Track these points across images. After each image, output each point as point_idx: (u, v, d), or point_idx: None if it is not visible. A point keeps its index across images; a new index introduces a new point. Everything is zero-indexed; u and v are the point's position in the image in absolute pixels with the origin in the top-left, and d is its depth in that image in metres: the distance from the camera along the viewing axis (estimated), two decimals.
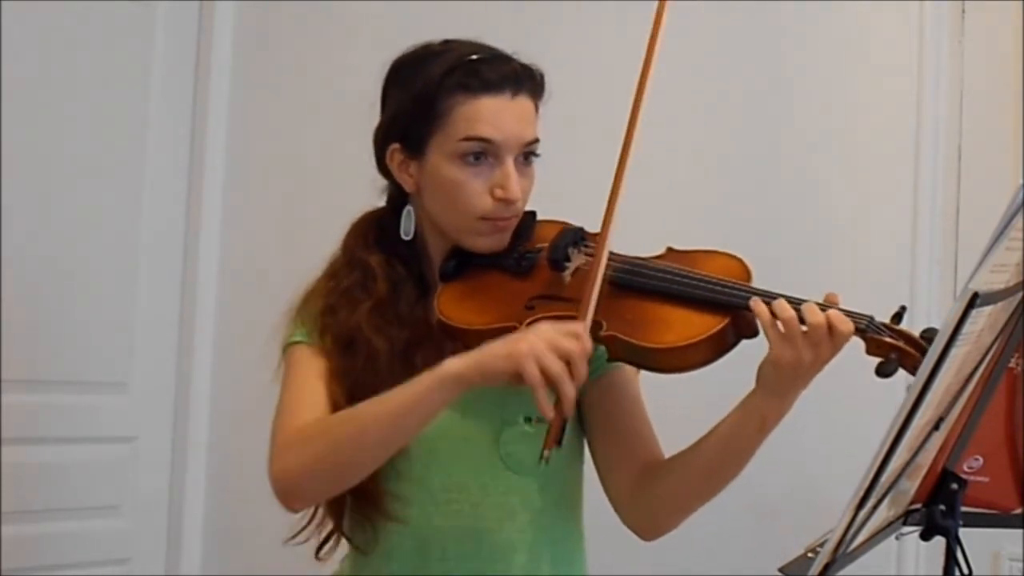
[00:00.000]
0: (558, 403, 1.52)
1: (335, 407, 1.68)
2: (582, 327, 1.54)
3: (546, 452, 1.55)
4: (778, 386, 1.56)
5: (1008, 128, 2.55)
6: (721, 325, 1.59)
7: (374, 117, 1.80)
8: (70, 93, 2.99)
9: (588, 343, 1.53)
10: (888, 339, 1.54)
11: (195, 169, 3.26)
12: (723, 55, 2.77)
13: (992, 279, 1.28)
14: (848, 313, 1.54)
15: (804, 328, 1.51)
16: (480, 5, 2.85)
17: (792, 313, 1.52)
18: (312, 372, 1.71)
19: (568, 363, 1.50)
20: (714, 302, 1.61)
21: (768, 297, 1.57)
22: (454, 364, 1.54)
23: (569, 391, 1.50)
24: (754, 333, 1.62)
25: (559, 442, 1.54)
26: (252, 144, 3.28)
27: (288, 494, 1.63)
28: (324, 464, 1.60)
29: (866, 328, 1.55)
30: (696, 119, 2.74)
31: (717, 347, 1.60)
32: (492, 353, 1.53)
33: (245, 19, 3.29)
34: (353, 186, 1.80)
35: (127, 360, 3.14)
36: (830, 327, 1.51)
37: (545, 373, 1.49)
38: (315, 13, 3.21)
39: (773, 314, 1.53)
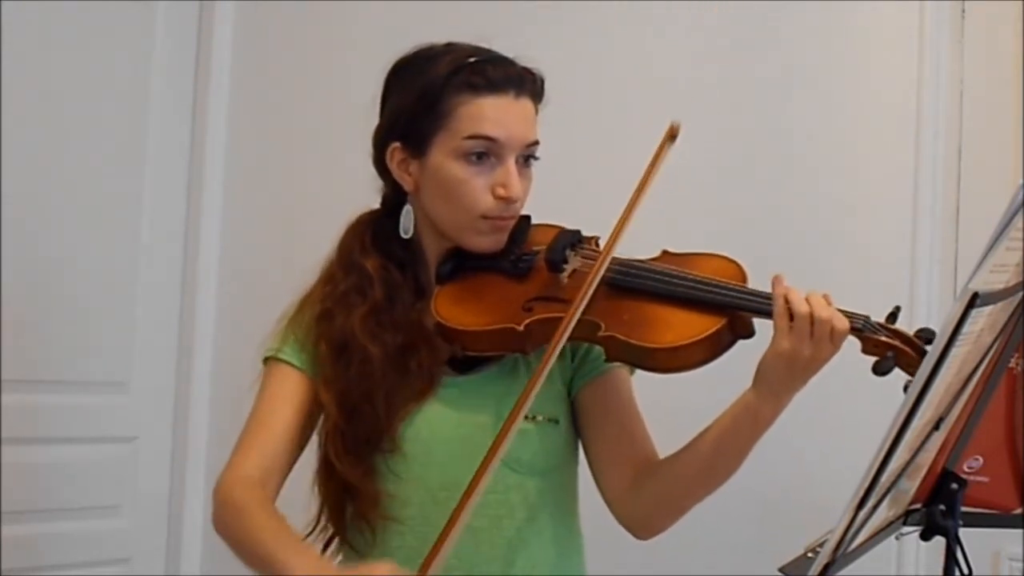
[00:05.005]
0: None
1: (324, 418, 1.71)
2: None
3: None
4: (774, 383, 1.56)
5: (1008, 128, 2.55)
6: (719, 325, 1.60)
7: (374, 117, 1.80)
8: (70, 93, 2.99)
9: None
10: (884, 338, 1.56)
11: (195, 169, 3.26)
12: (722, 55, 2.77)
13: (992, 279, 1.28)
14: (845, 313, 1.56)
15: (810, 326, 1.52)
16: (480, 6, 2.85)
17: (807, 309, 1.53)
18: (286, 401, 1.74)
19: None
20: (712, 303, 1.62)
21: (764, 298, 1.58)
22: (303, 568, 1.55)
23: None
24: (750, 333, 1.63)
25: None
26: (252, 144, 3.27)
27: (214, 524, 1.72)
28: (229, 541, 1.69)
29: (862, 327, 1.56)
30: (695, 119, 2.73)
31: (715, 347, 1.61)
32: None
33: (245, 19, 3.28)
34: (353, 186, 1.80)
35: (127, 360, 3.14)
36: (832, 325, 1.52)
37: None
38: (315, 13, 3.21)
39: (789, 307, 1.54)
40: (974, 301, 1.23)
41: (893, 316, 1.58)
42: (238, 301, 3.24)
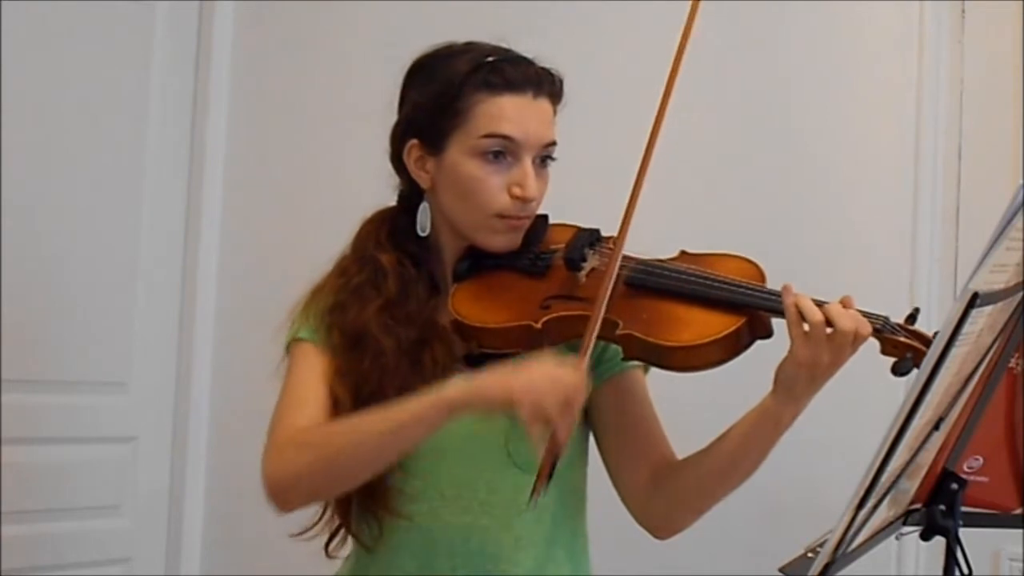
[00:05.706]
0: (551, 441, 1.51)
1: (337, 407, 1.68)
2: (583, 365, 1.53)
3: (535, 495, 1.54)
4: (794, 388, 1.56)
5: (1008, 128, 2.54)
6: (737, 325, 1.60)
7: (374, 117, 1.80)
8: (70, 92, 2.99)
9: (585, 382, 1.52)
10: (903, 339, 1.56)
11: (195, 169, 3.26)
12: (723, 55, 2.77)
13: (992, 279, 1.28)
14: (864, 314, 1.56)
15: (829, 331, 1.52)
16: (483, 6, 2.85)
17: (821, 317, 1.52)
18: (314, 371, 1.71)
19: (564, 403, 1.49)
20: (730, 302, 1.62)
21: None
22: (454, 388, 1.54)
23: (562, 431, 1.50)
24: (769, 334, 1.63)
25: (549, 481, 1.54)
26: (252, 144, 3.28)
27: (279, 495, 1.63)
28: (319, 471, 1.61)
29: (882, 328, 1.56)
30: (695, 120, 2.74)
31: (733, 347, 1.61)
32: (490, 383, 1.52)
33: (245, 19, 3.29)
34: (353, 186, 1.80)
35: (127, 360, 3.14)
36: (855, 333, 1.52)
37: (540, 411, 1.48)
38: (315, 13, 3.21)
39: (801, 315, 1.53)
40: (974, 301, 1.23)
41: (912, 317, 1.59)
42: (238, 301, 3.24)
